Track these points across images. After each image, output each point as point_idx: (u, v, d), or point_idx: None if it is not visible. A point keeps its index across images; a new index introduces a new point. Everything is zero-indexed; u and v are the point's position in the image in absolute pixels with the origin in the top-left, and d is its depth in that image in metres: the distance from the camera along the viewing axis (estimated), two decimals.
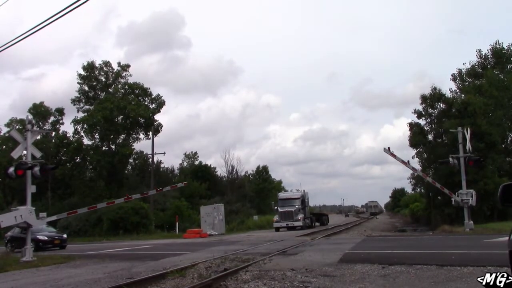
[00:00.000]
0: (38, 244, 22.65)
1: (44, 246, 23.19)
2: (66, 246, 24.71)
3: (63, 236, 25.37)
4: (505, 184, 3.48)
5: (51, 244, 23.92)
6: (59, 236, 25.16)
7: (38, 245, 22.46)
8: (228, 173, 62.31)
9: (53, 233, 25.96)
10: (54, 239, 24.35)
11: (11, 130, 35.27)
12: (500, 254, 7.14)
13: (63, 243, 24.58)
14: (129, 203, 39.44)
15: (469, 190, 24.29)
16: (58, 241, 24.41)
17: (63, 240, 24.80)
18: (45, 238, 23.84)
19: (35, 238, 22.55)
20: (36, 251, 21.00)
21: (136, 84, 50.39)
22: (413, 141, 45.97)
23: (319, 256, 12.24)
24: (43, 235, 23.99)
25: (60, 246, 24.30)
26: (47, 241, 23.82)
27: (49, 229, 26.51)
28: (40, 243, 23.18)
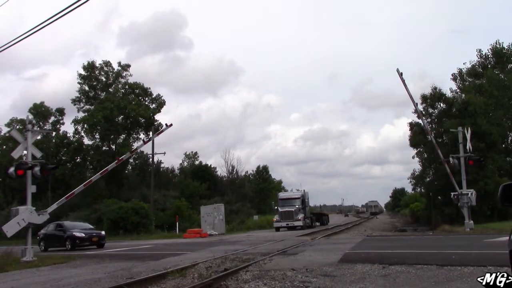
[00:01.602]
0: (74, 242, 21.35)
1: (80, 244, 21.47)
2: (105, 244, 22.61)
3: (101, 233, 23.15)
4: (505, 184, 3.48)
5: (89, 242, 21.87)
6: (97, 233, 22.96)
7: (74, 243, 21.29)
8: (228, 173, 62.36)
9: (91, 229, 23.90)
10: (92, 237, 22.19)
11: (12, 130, 35.28)
12: (500, 254, 7.14)
13: (101, 241, 22.34)
14: (129, 203, 39.60)
15: (469, 190, 24.30)
16: (96, 239, 22.18)
17: (101, 238, 22.55)
18: (82, 235, 21.82)
19: (71, 236, 21.61)
20: (72, 249, 20.73)
21: (137, 84, 50.42)
22: (413, 141, 46.02)
23: (320, 256, 12.24)
24: (80, 232, 22.16)
25: (98, 244, 22.14)
26: (84, 239, 21.73)
27: (85, 225, 24.88)
28: (77, 240, 21.46)
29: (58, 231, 22.87)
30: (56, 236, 22.70)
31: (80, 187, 19.14)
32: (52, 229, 23.36)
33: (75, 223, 25.19)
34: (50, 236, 23.09)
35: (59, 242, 22.26)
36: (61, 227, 23.02)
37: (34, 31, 10.79)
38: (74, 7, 9.44)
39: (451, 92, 47.80)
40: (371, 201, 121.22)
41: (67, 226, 23.24)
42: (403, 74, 23.34)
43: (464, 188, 24.17)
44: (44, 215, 16.33)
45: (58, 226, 23.49)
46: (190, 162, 68.90)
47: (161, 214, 42.73)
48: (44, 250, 22.73)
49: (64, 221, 26.01)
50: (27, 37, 11.28)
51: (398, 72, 23.11)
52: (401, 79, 23.23)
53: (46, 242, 23.16)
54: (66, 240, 21.82)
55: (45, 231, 23.72)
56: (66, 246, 21.62)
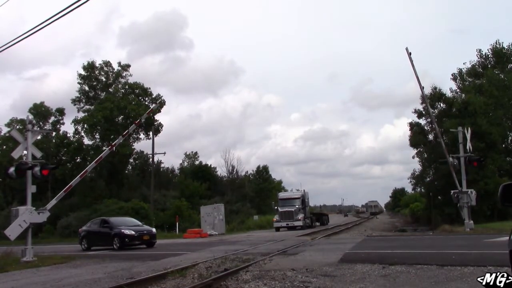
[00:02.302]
0: (123, 240, 19.47)
1: (130, 243, 19.64)
2: (155, 243, 20.68)
3: (152, 231, 21.16)
4: (505, 184, 3.48)
5: (139, 240, 19.90)
6: (148, 231, 20.79)
7: (123, 242, 19.43)
8: (228, 173, 62.35)
9: (141, 226, 21.84)
10: (142, 235, 20.09)
11: (12, 130, 35.27)
12: (500, 254, 7.15)
13: (152, 240, 20.41)
14: (129, 203, 39.61)
15: (468, 189, 24.28)
16: (147, 237, 20.16)
17: (153, 236, 20.61)
18: (132, 233, 19.80)
19: (119, 233, 19.73)
20: (121, 249, 19.13)
21: (137, 84, 50.39)
22: (413, 141, 46.01)
23: (320, 256, 12.23)
24: (130, 229, 20.12)
25: (148, 243, 20.24)
26: (135, 237, 19.74)
27: (133, 220, 23.11)
28: (127, 238, 19.53)
29: (104, 227, 20.93)
30: (101, 234, 20.81)
31: (77, 178, 18.26)
32: (96, 226, 21.58)
33: (123, 219, 23.27)
34: (93, 234, 21.25)
35: (105, 240, 20.50)
36: (107, 224, 21.03)
37: (35, 31, 10.80)
38: (74, 7, 9.45)
39: (451, 92, 47.85)
40: (371, 201, 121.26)
41: (114, 223, 21.16)
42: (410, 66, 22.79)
43: (464, 188, 24.15)
44: (45, 213, 16.19)
45: (103, 222, 21.56)
46: (190, 162, 68.94)
47: (161, 214, 42.72)
48: (87, 249, 21.00)
49: (109, 217, 24.22)
50: (28, 37, 11.29)
51: (407, 51, 23.04)
52: (410, 59, 23.11)
53: (89, 240, 21.35)
54: (113, 238, 19.89)
55: (88, 228, 22.00)
56: (114, 245, 19.71)
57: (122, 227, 20.41)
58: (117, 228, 20.29)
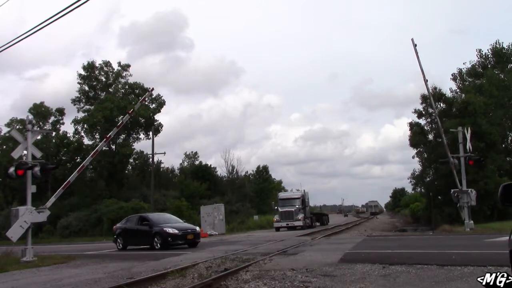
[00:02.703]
0: (166, 239, 17.92)
1: (173, 242, 18.07)
2: (199, 243, 19.06)
3: (196, 230, 19.49)
4: (505, 184, 3.48)
5: (183, 239, 18.35)
6: (192, 230, 19.11)
7: (166, 241, 17.92)
8: (228, 173, 62.29)
9: (183, 223, 20.32)
10: (187, 233, 18.46)
11: (12, 130, 35.26)
12: (501, 254, 7.13)
13: (196, 239, 18.82)
14: (129, 203, 39.62)
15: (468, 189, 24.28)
16: (192, 236, 18.54)
17: (197, 235, 19.04)
18: (176, 232, 18.13)
19: (162, 232, 18.10)
20: (162, 249, 17.54)
21: (137, 84, 50.42)
22: (413, 141, 46.00)
23: (320, 256, 12.23)
24: (173, 228, 18.44)
25: (192, 243, 18.58)
26: (178, 236, 18.14)
27: (173, 218, 21.50)
28: (170, 238, 17.93)
29: (142, 225, 19.40)
30: (139, 232, 19.32)
31: (75, 174, 18.19)
32: (133, 223, 20.04)
33: (161, 216, 21.88)
34: (131, 232, 19.75)
35: (144, 239, 19.09)
36: (146, 221, 19.48)
37: (35, 31, 10.81)
38: (75, 7, 9.45)
39: (451, 92, 47.82)
40: (371, 201, 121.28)
41: (154, 220, 19.63)
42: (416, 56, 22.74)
43: (464, 188, 24.13)
44: (45, 212, 16.16)
45: (141, 219, 20.02)
46: (190, 162, 68.91)
47: None
48: (123, 248, 19.66)
49: (148, 214, 23.05)
50: (28, 37, 11.31)
51: (412, 42, 23.09)
52: (415, 50, 23.14)
53: (126, 238, 19.87)
54: (154, 237, 18.35)
55: (124, 225, 20.49)
56: (154, 244, 18.19)
57: (164, 224, 18.82)
58: (158, 226, 18.69)
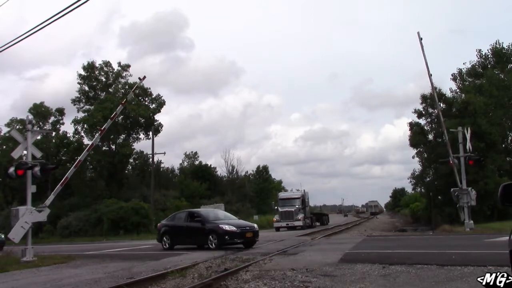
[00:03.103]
0: (222, 237, 16.20)
1: (231, 241, 16.37)
2: (256, 242, 17.29)
3: (255, 227, 17.69)
4: (506, 184, 3.48)
5: (242, 238, 16.55)
6: (250, 227, 17.42)
7: (222, 240, 16.22)
8: (228, 173, 62.38)
9: (241, 221, 18.75)
10: (245, 231, 16.76)
11: (12, 130, 35.26)
12: (500, 254, 7.14)
13: (255, 237, 17.11)
14: (129, 203, 39.62)
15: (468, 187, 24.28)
16: (251, 234, 16.86)
17: (256, 233, 17.29)
18: (234, 230, 16.39)
19: (218, 229, 16.42)
20: (218, 248, 15.86)
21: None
22: (413, 141, 46.01)
23: (320, 256, 12.23)
24: (229, 225, 16.72)
25: (250, 242, 16.85)
26: (236, 234, 16.36)
27: (227, 214, 20.12)
28: (227, 236, 16.22)
29: (193, 222, 17.62)
30: (190, 230, 17.57)
31: (72, 169, 17.98)
32: (182, 220, 18.22)
33: (213, 212, 20.08)
34: (179, 229, 17.93)
35: (195, 237, 17.43)
36: (198, 217, 17.69)
37: (35, 31, 10.81)
38: (75, 7, 9.46)
39: (451, 92, 47.81)
40: (371, 201, 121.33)
41: (207, 216, 17.87)
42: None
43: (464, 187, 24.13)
44: (45, 211, 16.09)
45: (192, 215, 18.19)
46: (190, 162, 68.98)
47: (161, 214, 42.67)
48: (170, 247, 17.75)
49: (198, 209, 21.25)
50: (28, 37, 11.31)
51: (418, 36, 23.14)
52: (420, 44, 23.17)
53: (173, 237, 18.01)
54: (207, 235, 16.60)
55: (171, 222, 18.72)
56: (209, 243, 16.51)
57: (218, 221, 17.17)
58: (212, 222, 17.03)
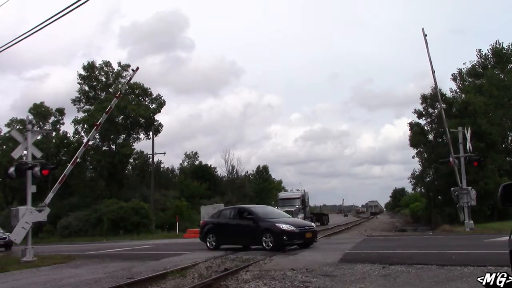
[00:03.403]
0: (280, 238, 14.57)
1: (289, 242, 14.76)
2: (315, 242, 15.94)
3: (313, 227, 16.60)
4: (506, 184, 3.48)
5: (301, 238, 14.99)
6: (309, 227, 15.98)
7: (280, 240, 14.57)
8: (228, 173, 62.29)
9: (298, 220, 17.15)
10: (305, 231, 15.14)
11: (12, 130, 35.27)
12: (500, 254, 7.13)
13: (314, 238, 15.73)
14: (129, 203, 39.62)
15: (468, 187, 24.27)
16: (310, 234, 15.34)
17: (315, 233, 16.06)
18: (292, 229, 14.71)
19: (274, 228, 14.78)
20: (274, 249, 14.29)
21: (137, 84, 50.37)
22: (413, 141, 46.03)
23: (320, 256, 12.23)
24: (287, 223, 15.05)
25: (309, 242, 15.32)
26: (295, 234, 14.73)
27: (280, 212, 18.36)
28: (285, 236, 14.56)
29: (244, 219, 16.03)
30: (239, 228, 15.94)
31: (69, 167, 17.90)
32: (229, 217, 16.65)
33: (265, 209, 18.23)
34: (227, 228, 16.29)
35: (247, 237, 15.75)
36: (250, 215, 15.99)
37: (35, 31, 10.82)
38: (75, 7, 9.46)
39: (451, 92, 47.87)
40: (371, 201, 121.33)
41: (260, 214, 16.16)
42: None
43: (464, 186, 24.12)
44: (45, 210, 16.08)
45: (241, 212, 16.61)
46: (190, 162, 68.97)
47: (161, 214, 42.77)
48: (215, 247, 16.16)
49: (249, 206, 19.53)
50: (28, 37, 11.32)
51: (423, 32, 23.44)
52: (425, 40, 23.34)
53: (219, 236, 16.38)
54: (262, 234, 14.97)
55: (216, 220, 17.05)
56: (263, 243, 14.84)
57: (274, 219, 15.51)
58: (267, 221, 15.41)
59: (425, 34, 23.12)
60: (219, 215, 17.65)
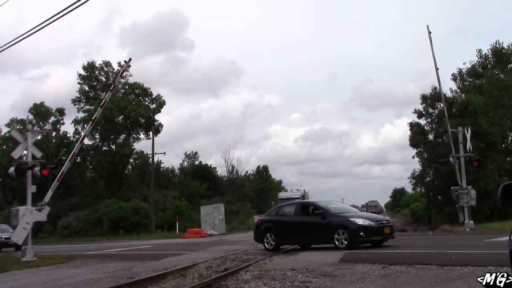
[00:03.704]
0: (356, 234, 13.07)
1: (366, 239, 13.31)
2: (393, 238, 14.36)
3: (389, 220, 15.27)
4: (506, 184, 3.48)
5: (380, 234, 13.60)
6: (386, 221, 14.60)
7: (355, 236, 13.11)
8: (228, 173, 62.32)
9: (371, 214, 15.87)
10: (383, 226, 13.77)
11: (12, 130, 35.27)
12: (500, 254, 7.14)
13: (391, 233, 14.11)
14: (129, 203, 39.64)
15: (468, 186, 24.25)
16: (388, 230, 13.88)
17: (392, 228, 14.43)
18: (370, 224, 13.31)
19: (349, 223, 13.33)
20: (348, 247, 13.04)
21: (137, 84, 50.40)
22: (413, 141, 46.03)
23: (320, 256, 12.22)
24: (364, 218, 13.62)
25: (386, 237, 13.89)
26: (374, 229, 13.37)
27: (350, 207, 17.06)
28: (362, 232, 13.12)
29: (310, 216, 14.60)
30: (305, 225, 14.43)
31: (67, 164, 17.63)
32: (291, 214, 15.08)
33: (335, 203, 16.29)
34: (288, 225, 14.79)
35: (314, 234, 14.22)
36: (317, 210, 14.54)
37: (35, 31, 10.83)
38: (75, 7, 9.47)
39: (451, 92, 47.85)
40: (371, 201, 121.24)
41: (331, 209, 14.58)
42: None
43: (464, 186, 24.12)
44: (45, 209, 16.04)
45: (307, 208, 15.20)
46: (190, 162, 68.91)
47: (161, 214, 42.76)
48: (275, 248, 14.64)
49: (316, 200, 17.85)
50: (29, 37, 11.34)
51: (427, 29, 23.46)
52: (429, 38, 23.44)
53: (280, 234, 14.78)
54: (333, 231, 13.46)
55: (275, 217, 15.51)
56: (335, 241, 13.40)
57: (347, 214, 14.16)
58: (339, 216, 13.92)
59: (429, 31, 23.24)
60: (277, 212, 16.14)
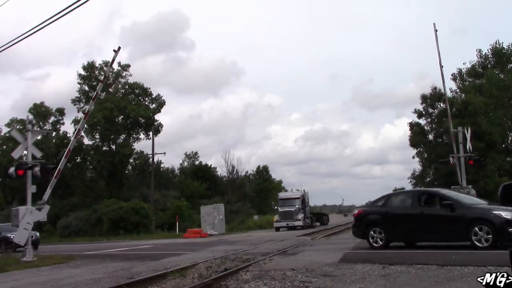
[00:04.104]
0: (503, 230, 10.92)
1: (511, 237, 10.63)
2: None
3: None
4: (506, 184, 3.47)
5: None
6: None
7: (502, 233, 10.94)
8: (228, 173, 62.34)
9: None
10: None
11: (12, 130, 35.28)
12: (501, 254, 7.14)
13: None
14: (129, 203, 39.67)
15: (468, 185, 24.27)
16: None
17: None
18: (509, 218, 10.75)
19: (492, 217, 11.15)
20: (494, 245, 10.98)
21: (136, 84, 50.43)
22: (413, 141, 46.07)
23: (320, 256, 12.23)
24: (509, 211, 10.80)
25: None
26: None
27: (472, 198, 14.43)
28: (510, 228, 10.78)
29: (434, 208, 12.55)
30: (428, 219, 12.28)
31: (63, 160, 17.01)
32: (406, 205, 13.02)
33: (463, 195, 14.46)
34: (403, 219, 12.75)
35: (441, 230, 12.18)
36: (445, 200, 12.32)
37: (35, 31, 10.83)
38: (75, 7, 9.48)
39: (451, 92, 47.87)
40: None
41: (462, 199, 12.68)
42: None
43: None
44: (45, 208, 15.99)
45: (430, 198, 12.99)
46: (190, 162, 68.99)
47: (161, 214, 42.78)
48: (384, 246, 12.97)
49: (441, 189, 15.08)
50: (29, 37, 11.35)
51: (434, 27, 23.50)
52: (435, 35, 23.49)
53: (391, 230, 12.89)
54: (470, 226, 11.37)
55: (383, 209, 13.29)
56: (473, 239, 11.36)
57: (484, 205, 12.17)
58: (477, 208, 11.91)
59: (436, 29, 23.34)
60: (385, 202, 13.49)
